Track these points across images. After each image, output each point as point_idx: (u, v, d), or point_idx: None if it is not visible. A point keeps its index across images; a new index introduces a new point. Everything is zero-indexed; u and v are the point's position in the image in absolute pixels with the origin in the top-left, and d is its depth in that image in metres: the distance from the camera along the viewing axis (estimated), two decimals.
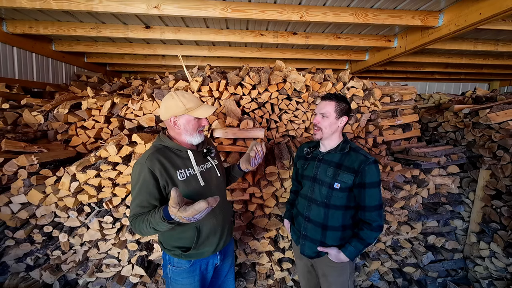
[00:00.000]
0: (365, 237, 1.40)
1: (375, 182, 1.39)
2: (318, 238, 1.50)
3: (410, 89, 3.04)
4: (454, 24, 2.41)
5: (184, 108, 1.26)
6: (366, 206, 1.40)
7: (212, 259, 1.42)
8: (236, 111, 2.44)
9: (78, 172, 1.96)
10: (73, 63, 3.91)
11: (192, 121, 1.29)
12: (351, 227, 1.49)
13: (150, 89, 2.67)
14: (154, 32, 3.04)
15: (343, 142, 1.48)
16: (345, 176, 1.40)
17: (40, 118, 2.47)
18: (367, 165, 1.37)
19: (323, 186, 1.46)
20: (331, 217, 1.46)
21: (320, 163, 1.50)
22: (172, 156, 1.30)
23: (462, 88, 6.41)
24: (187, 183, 1.29)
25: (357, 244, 1.41)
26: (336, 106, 1.43)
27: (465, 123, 2.80)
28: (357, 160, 1.39)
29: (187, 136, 1.31)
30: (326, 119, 1.43)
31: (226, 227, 1.45)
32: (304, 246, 1.56)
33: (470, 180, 2.72)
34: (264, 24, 3.02)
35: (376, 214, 1.39)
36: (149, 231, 1.17)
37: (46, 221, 2.08)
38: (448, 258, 2.62)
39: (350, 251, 1.42)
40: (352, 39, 3.27)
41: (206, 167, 1.40)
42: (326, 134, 1.44)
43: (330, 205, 1.45)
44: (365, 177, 1.37)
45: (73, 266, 2.16)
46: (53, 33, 2.90)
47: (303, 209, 1.56)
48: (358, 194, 1.41)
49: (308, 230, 1.53)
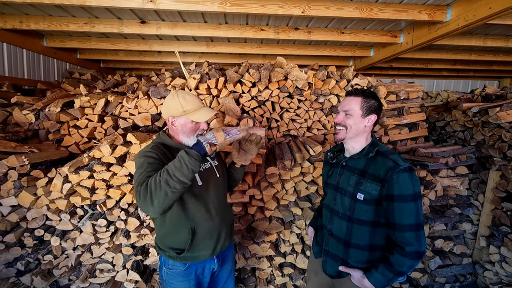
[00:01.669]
0: (395, 263, 1.18)
1: (409, 195, 1.16)
2: (340, 255, 1.35)
3: (416, 86, 3.04)
4: (462, 19, 2.41)
5: (181, 110, 1.28)
6: (396, 224, 1.19)
7: (209, 264, 1.42)
8: (235, 109, 2.44)
9: (70, 173, 1.96)
10: (66, 59, 3.92)
11: (189, 124, 1.30)
12: (382, 249, 1.28)
13: (145, 87, 2.67)
14: (149, 27, 3.04)
15: (370, 145, 1.31)
16: (368, 186, 1.23)
17: (31, 117, 2.47)
18: (395, 173, 1.16)
19: (345, 196, 1.32)
20: (355, 233, 1.29)
21: (343, 169, 1.36)
22: (171, 154, 1.32)
23: (471, 85, 6.41)
24: None
25: (385, 271, 1.19)
26: (363, 102, 1.27)
27: (474, 122, 2.80)
28: (383, 167, 1.20)
29: (184, 138, 1.34)
30: (350, 117, 1.28)
31: (224, 230, 1.45)
32: (326, 264, 1.42)
33: (480, 182, 2.72)
34: (264, 19, 3.02)
35: (410, 236, 1.16)
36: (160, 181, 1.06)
37: (37, 224, 2.07)
38: (456, 263, 2.62)
39: (376, 278, 1.21)
40: (356, 34, 3.27)
41: (204, 167, 1.42)
42: (350, 134, 1.29)
43: (353, 219, 1.28)
44: (393, 188, 1.17)
45: (65, 271, 2.16)
46: (44, 28, 2.90)
47: (326, 221, 1.43)
48: (387, 208, 1.21)
49: (329, 245, 1.40)
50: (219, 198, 1.44)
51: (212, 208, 1.39)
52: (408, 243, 1.16)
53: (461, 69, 5.11)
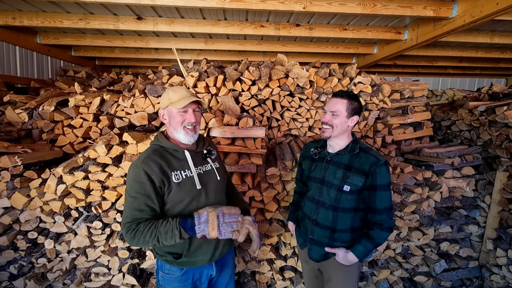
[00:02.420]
0: (375, 237, 1.45)
1: (386, 185, 1.43)
2: (326, 241, 1.55)
3: (421, 85, 3.04)
4: (469, 14, 2.41)
5: (168, 101, 1.32)
6: (377, 208, 1.45)
7: (207, 270, 1.42)
8: (235, 108, 2.44)
9: (65, 174, 1.96)
10: (60, 57, 3.91)
11: (174, 114, 1.32)
12: (360, 229, 1.54)
13: (142, 85, 2.66)
14: (146, 23, 3.04)
15: (353, 143, 1.51)
16: (355, 179, 1.44)
17: (24, 116, 2.47)
18: (378, 167, 1.41)
19: (331, 188, 1.50)
20: (340, 220, 1.50)
21: (328, 164, 1.53)
22: (169, 157, 1.33)
23: (477, 83, 6.41)
24: (182, 186, 1.30)
25: (367, 243, 1.46)
26: (348, 104, 1.45)
27: (481, 122, 2.80)
28: (367, 162, 1.43)
29: (173, 132, 1.35)
30: (336, 118, 1.46)
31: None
32: (311, 251, 1.61)
33: (486, 183, 2.72)
34: (264, 15, 3.02)
35: (386, 216, 1.45)
36: (149, 240, 1.20)
37: (30, 226, 2.07)
38: (462, 266, 2.62)
39: (359, 251, 1.47)
40: (359, 31, 3.27)
41: (204, 169, 1.41)
42: (336, 133, 1.47)
43: (339, 208, 1.49)
44: (376, 179, 1.42)
45: (59, 275, 2.15)
46: (38, 24, 2.90)
47: (310, 212, 1.59)
48: (369, 196, 1.46)
49: (315, 234, 1.57)
50: (219, 201, 1.43)
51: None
52: (385, 220, 1.45)
53: (467, 67, 5.10)
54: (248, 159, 2.19)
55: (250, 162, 2.19)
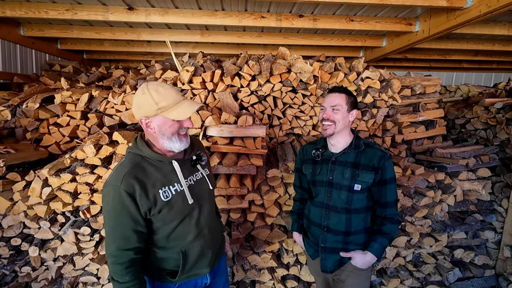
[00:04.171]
0: (389, 231, 1.51)
1: (393, 177, 1.52)
2: (339, 246, 1.57)
3: (434, 80, 3.04)
4: (485, 4, 2.40)
5: (156, 107, 1.14)
6: (387, 202, 1.51)
7: (201, 279, 1.39)
8: (233, 105, 2.44)
9: (50, 176, 1.95)
10: (45, 50, 3.91)
11: (168, 123, 1.17)
12: (370, 230, 1.59)
13: (133, 80, 2.67)
14: (138, 14, 3.04)
15: (356, 139, 1.55)
16: (365, 176, 1.49)
17: (6, 114, 2.47)
18: (386, 161, 1.49)
19: (342, 190, 1.53)
20: (354, 222, 1.54)
21: (334, 165, 1.55)
22: (152, 171, 1.20)
23: (494, 79, 6.41)
24: (172, 204, 1.22)
25: (382, 239, 1.51)
26: (347, 98, 1.52)
27: (498, 120, 2.80)
28: (375, 157, 1.49)
29: (165, 141, 1.20)
30: (337, 112, 1.49)
31: (216, 247, 1.42)
32: (325, 261, 1.61)
33: (504, 185, 2.72)
34: (265, 5, 3.02)
35: (395, 209, 1.54)
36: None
37: (14, 232, 2.07)
38: (478, 275, 2.62)
39: (376, 249, 1.51)
40: (367, 22, 3.27)
41: (195, 179, 1.33)
42: (339, 129, 1.50)
43: (351, 209, 1.53)
44: (386, 173, 1.48)
45: (45, 284, 2.15)
46: (21, 15, 2.89)
47: (319, 219, 1.60)
48: (378, 191, 1.52)
49: (327, 241, 1.58)
50: (212, 211, 1.41)
51: (205, 225, 1.34)
52: (394, 214, 1.53)
53: (483, 61, 5.10)
54: (247, 160, 2.19)
55: (249, 163, 2.19)
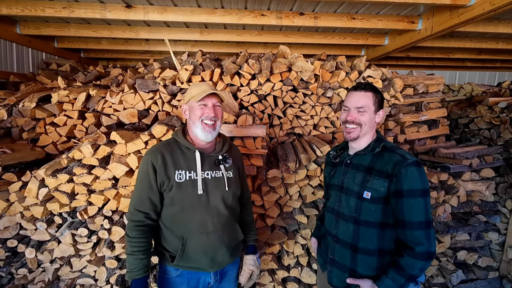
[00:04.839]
0: (406, 266, 1.22)
1: (418, 190, 1.23)
2: (348, 264, 1.38)
3: (437, 79, 3.04)
4: (488, 2, 2.40)
5: (190, 96, 1.43)
6: (405, 221, 1.24)
7: (204, 276, 1.44)
8: (233, 105, 2.44)
9: (47, 177, 1.96)
10: (42, 48, 3.91)
11: (194, 107, 1.41)
12: (392, 254, 1.33)
13: (131, 79, 2.66)
14: (136, 12, 3.04)
15: (375, 141, 1.39)
16: (376, 182, 1.29)
17: (2, 113, 2.47)
18: (403, 167, 1.24)
19: (351, 196, 1.37)
20: (362, 237, 1.33)
21: (348, 168, 1.42)
22: (178, 154, 1.41)
23: (498, 78, 6.40)
24: (182, 187, 1.36)
25: (396, 276, 1.23)
26: (374, 97, 1.36)
27: (502, 119, 2.80)
28: (390, 162, 1.28)
29: (192, 126, 1.42)
30: (364, 114, 1.34)
31: (222, 250, 1.43)
32: (332, 274, 1.44)
33: (508, 186, 2.72)
34: (265, 3, 3.02)
35: (420, 234, 1.21)
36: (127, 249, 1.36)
37: (10, 234, 2.07)
38: (481, 277, 2.62)
39: (387, 285, 1.24)
40: (369, 20, 3.27)
41: (213, 175, 1.43)
42: (364, 132, 1.36)
43: (360, 221, 1.33)
44: (402, 182, 1.23)
45: (41, 286, 2.15)
46: (17, 13, 2.90)
47: (330, 226, 1.47)
48: (396, 205, 1.27)
49: (336, 253, 1.43)
50: (224, 213, 1.43)
51: (210, 222, 1.39)
52: (419, 242, 1.21)
53: (487, 59, 5.10)
54: (247, 160, 2.19)
55: (249, 163, 2.19)
